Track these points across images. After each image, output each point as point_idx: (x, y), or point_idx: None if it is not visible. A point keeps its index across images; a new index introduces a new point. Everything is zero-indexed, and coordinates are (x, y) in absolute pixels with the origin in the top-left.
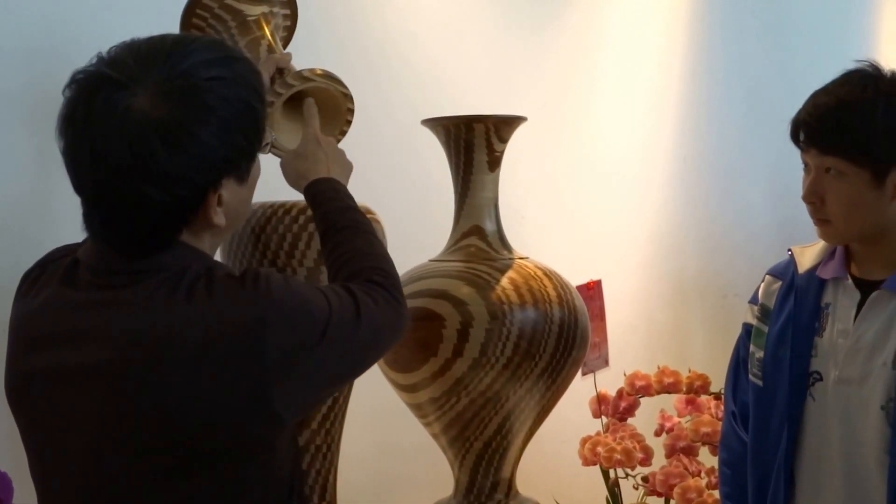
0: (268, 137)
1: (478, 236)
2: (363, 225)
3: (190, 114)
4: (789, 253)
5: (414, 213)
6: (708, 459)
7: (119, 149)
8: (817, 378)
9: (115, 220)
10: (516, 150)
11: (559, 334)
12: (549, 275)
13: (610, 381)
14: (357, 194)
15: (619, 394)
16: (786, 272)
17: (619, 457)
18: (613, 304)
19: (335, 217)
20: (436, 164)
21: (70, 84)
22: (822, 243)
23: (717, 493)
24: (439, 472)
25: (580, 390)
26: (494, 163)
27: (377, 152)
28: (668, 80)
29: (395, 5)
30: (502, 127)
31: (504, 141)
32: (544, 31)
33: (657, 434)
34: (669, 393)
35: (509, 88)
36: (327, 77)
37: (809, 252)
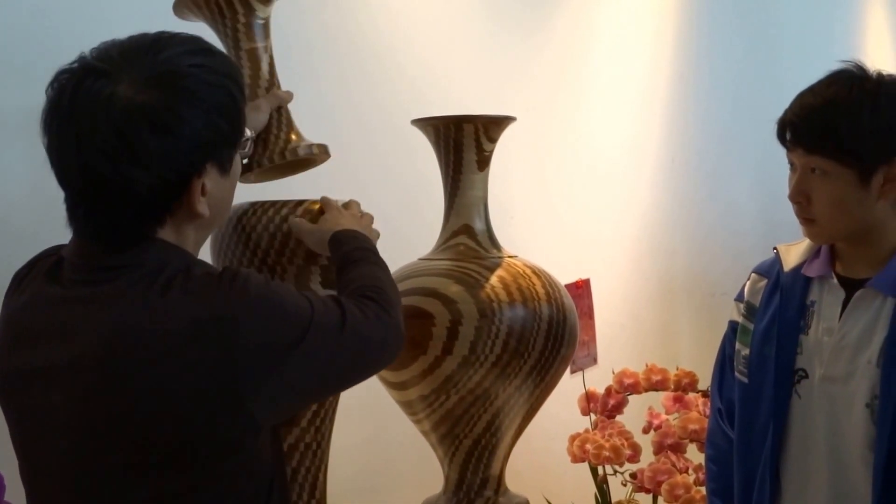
0: (248, 134)
1: (467, 235)
2: (374, 258)
3: (174, 97)
4: (775, 251)
5: (404, 212)
6: (696, 456)
7: (105, 132)
8: (803, 375)
9: (100, 209)
10: (506, 151)
11: (548, 332)
12: (538, 273)
13: (598, 378)
14: (348, 193)
15: (608, 391)
16: (771, 270)
17: (607, 454)
18: (602, 302)
19: (350, 255)
20: (426, 164)
21: (53, 82)
22: (808, 241)
23: (704, 490)
24: (429, 469)
25: (569, 388)
26: (484, 162)
27: (368, 152)
28: (657, 82)
29: (387, 8)
30: (491, 127)
31: (493, 141)
32: (534, 34)
33: (645, 431)
34: (657, 390)
35: (500, 90)
36: (320, 150)
37: (795, 250)
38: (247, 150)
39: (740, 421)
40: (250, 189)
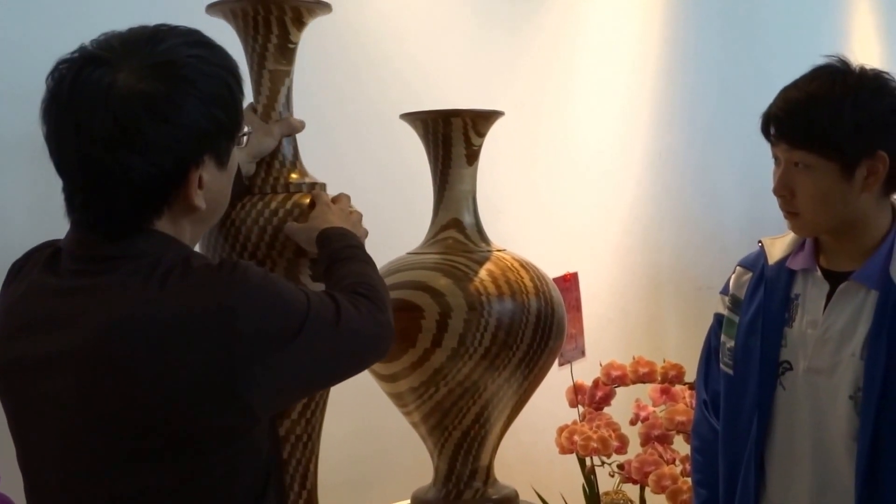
0: (246, 129)
1: (456, 229)
2: (363, 256)
3: (173, 87)
4: (759, 244)
5: (393, 206)
6: (682, 447)
7: (104, 120)
8: (787, 367)
9: (98, 198)
10: (494, 146)
11: (536, 325)
12: (527, 267)
13: (586, 371)
14: (337, 187)
15: (595, 383)
16: (756, 263)
17: (595, 445)
18: (589, 295)
19: (338, 253)
20: (415, 159)
21: (53, 71)
22: (792, 234)
23: (690, 480)
24: (419, 461)
25: (557, 380)
26: (472, 157)
27: (358, 147)
28: (644, 77)
29: (376, 5)
30: (479, 121)
31: (481, 135)
32: (521, 30)
33: (632, 423)
34: (644, 382)
35: (488, 85)
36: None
37: (779, 243)
38: (244, 144)
39: (725, 412)
40: None
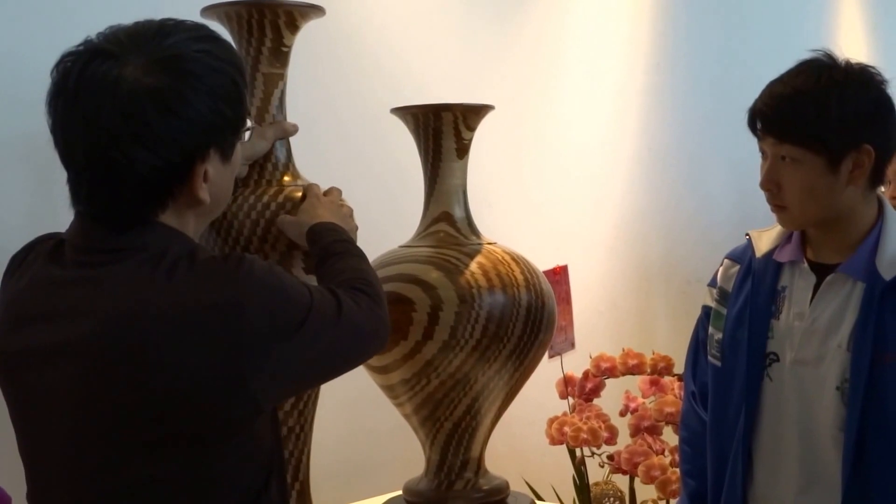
0: (249, 123)
1: (447, 222)
2: (355, 250)
3: (180, 81)
4: (747, 237)
5: (385, 199)
6: (672, 438)
7: (111, 112)
8: (774, 359)
9: (104, 190)
10: (484, 140)
11: (526, 317)
12: (517, 260)
13: (576, 363)
14: (329, 181)
15: (585, 375)
16: (744, 256)
17: (585, 436)
18: (580, 288)
19: (331, 248)
20: (406, 153)
21: (58, 64)
22: (779, 227)
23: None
24: (411, 452)
25: (547, 372)
26: (463, 150)
27: (348, 141)
28: (633, 72)
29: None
30: (470, 115)
31: (472, 129)
32: (510, 24)
33: (622, 414)
34: (634, 374)
35: (477, 80)
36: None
37: (767, 236)
38: (246, 139)
39: (713, 403)
40: None
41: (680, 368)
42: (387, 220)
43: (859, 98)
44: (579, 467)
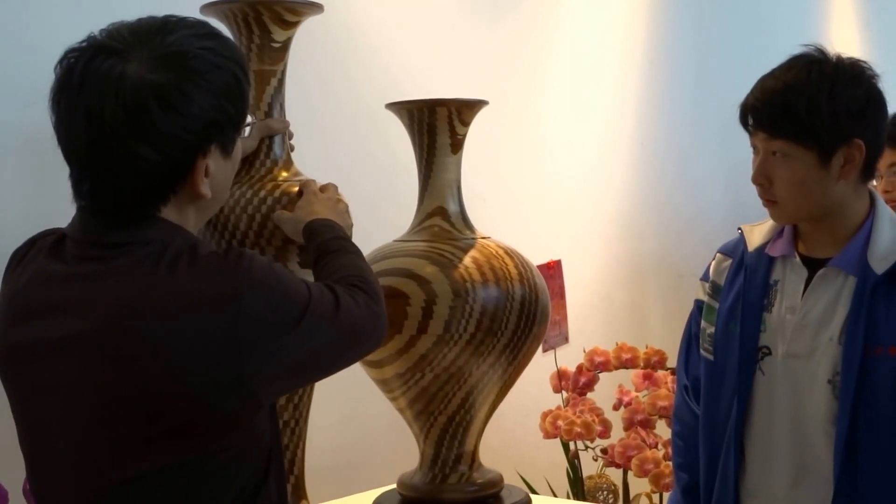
0: (250, 118)
1: (441, 217)
2: (352, 247)
3: (182, 77)
4: (739, 231)
5: (379, 194)
6: (665, 432)
7: (114, 108)
8: (766, 353)
9: (105, 185)
10: (479, 134)
11: (520, 311)
12: (511, 254)
13: (570, 357)
14: (325, 176)
15: (579, 369)
16: (736, 250)
17: (578, 430)
18: (573, 283)
19: (327, 245)
20: (400, 148)
21: (62, 60)
22: (771, 222)
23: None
24: (405, 445)
25: (541, 366)
26: (457, 145)
27: (344, 136)
28: (628, 67)
29: None
30: (464, 110)
31: (466, 124)
32: (506, 19)
33: (615, 408)
34: (627, 368)
35: (472, 75)
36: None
37: (759, 230)
38: (247, 134)
39: (706, 397)
40: None
41: (673, 362)
42: (385, 211)
43: (850, 93)
44: (573, 461)
